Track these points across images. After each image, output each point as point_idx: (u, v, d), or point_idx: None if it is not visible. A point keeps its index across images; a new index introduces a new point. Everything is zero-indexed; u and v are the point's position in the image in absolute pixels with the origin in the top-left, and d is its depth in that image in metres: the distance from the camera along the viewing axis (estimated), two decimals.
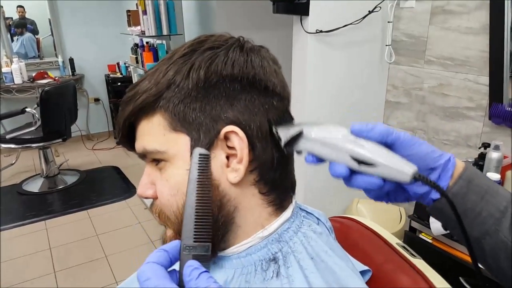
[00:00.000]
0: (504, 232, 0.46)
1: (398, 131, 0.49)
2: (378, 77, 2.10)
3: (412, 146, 0.48)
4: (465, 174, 0.48)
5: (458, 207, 0.45)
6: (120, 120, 0.54)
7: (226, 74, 0.49)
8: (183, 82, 0.49)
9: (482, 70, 1.66)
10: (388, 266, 0.64)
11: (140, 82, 0.52)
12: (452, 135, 1.85)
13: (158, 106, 0.50)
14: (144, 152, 0.54)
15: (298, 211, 0.58)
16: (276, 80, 0.53)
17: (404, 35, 1.98)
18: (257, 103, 0.51)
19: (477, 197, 0.47)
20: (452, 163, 0.49)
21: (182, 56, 0.51)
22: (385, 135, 0.47)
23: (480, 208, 0.47)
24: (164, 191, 0.53)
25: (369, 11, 1.83)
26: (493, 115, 1.62)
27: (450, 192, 0.47)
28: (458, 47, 1.75)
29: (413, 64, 1.97)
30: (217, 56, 0.50)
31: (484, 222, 0.47)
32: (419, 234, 1.56)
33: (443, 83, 1.84)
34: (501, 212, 0.46)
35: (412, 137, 0.49)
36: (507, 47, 1.54)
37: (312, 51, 1.79)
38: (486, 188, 0.48)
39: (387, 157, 0.46)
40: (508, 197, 0.47)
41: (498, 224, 0.46)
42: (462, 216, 0.46)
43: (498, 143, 1.46)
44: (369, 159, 0.46)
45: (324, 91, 1.91)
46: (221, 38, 0.53)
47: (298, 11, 1.74)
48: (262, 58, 0.53)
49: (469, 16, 1.68)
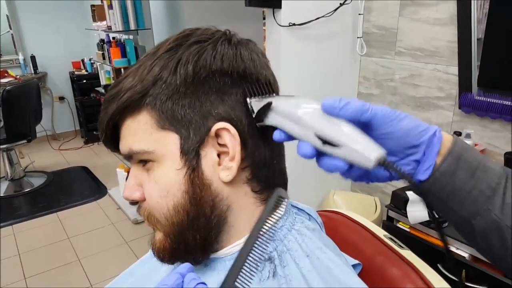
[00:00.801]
0: (495, 211, 0.43)
1: (376, 106, 0.44)
2: (350, 69, 2.12)
3: (390, 122, 0.43)
4: (454, 150, 0.44)
5: (447, 186, 0.44)
6: (103, 120, 0.51)
7: (215, 69, 0.47)
8: (170, 78, 0.47)
9: (451, 60, 1.70)
10: (378, 259, 0.64)
11: (123, 79, 0.49)
12: None
13: (144, 103, 0.48)
14: (130, 153, 0.51)
15: (290, 208, 0.57)
16: (267, 73, 0.52)
17: (375, 27, 2.00)
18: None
19: (467, 174, 0.43)
20: (438, 138, 0.44)
21: (167, 51, 0.48)
22: (359, 112, 0.42)
23: (470, 186, 0.43)
24: (153, 193, 0.51)
25: (340, 3, 1.84)
26: (462, 104, 1.66)
27: (438, 171, 0.44)
28: (427, 38, 1.79)
29: (384, 55, 2.00)
30: (204, 50, 0.48)
31: (475, 201, 0.43)
32: (397, 224, 1.59)
33: (414, 74, 1.88)
34: (493, 190, 0.43)
35: (391, 111, 0.44)
36: (475, 38, 1.58)
37: (285, 44, 1.78)
38: (477, 164, 0.44)
39: (353, 137, 0.41)
40: (499, 172, 0.44)
41: (490, 203, 0.43)
42: (451, 195, 0.44)
43: (469, 131, 1.51)
44: (332, 139, 0.42)
45: (298, 84, 1.91)
46: (207, 32, 0.51)
47: (271, 4, 1.72)
48: (251, 51, 0.51)
49: (437, 7, 1.71)
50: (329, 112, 0.42)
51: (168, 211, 0.50)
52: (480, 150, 1.64)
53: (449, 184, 0.44)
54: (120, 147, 0.53)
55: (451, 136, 0.46)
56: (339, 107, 0.42)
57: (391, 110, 0.43)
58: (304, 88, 1.93)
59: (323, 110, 0.43)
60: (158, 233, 0.54)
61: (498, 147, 1.61)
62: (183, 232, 0.51)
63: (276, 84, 0.54)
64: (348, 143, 0.41)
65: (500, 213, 0.42)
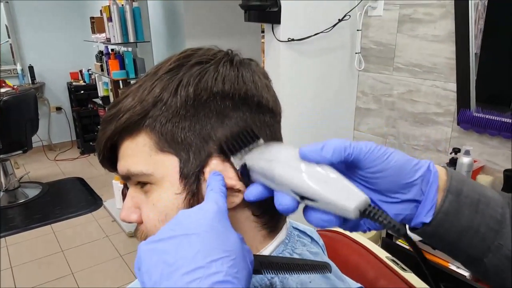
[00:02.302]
0: (508, 246, 0.39)
1: (360, 142, 0.40)
2: (348, 84, 2.13)
3: (378, 159, 0.39)
4: (452, 185, 0.40)
5: (453, 227, 0.40)
6: (101, 140, 0.50)
7: (216, 91, 0.46)
8: (170, 100, 0.46)
9: (449, 76, 1.71)
10: (381, 283, 0.63)
11: (122, 99, 0.48)
12: (422, 140, 1.89)
13: (143, 125, 0.47)
14: (128, 174, 0.50)
15: (292, 230, 0.56)
16: (268, 95, 0.51)
17: (373, 42, 2.01)
18: (249, 121, 0.48)
19: (471, 210, 0.40)
20: (435, 173, 0.40)
21: (168, 72, 0.47)
22: (340, 152, 0.39)
23: (477, 223, 0.40)
24: (151, 216, 0.49)
25: (339, 19, 1.85)
26: (461, 121, 1.66)
27: (441, 212, 0.40)
28: (425, 55, 1.80)
29: (382, 71, 2.00)
30: (206, 71, 0.47)
31: (484, 239, 0.40)
32: (396, 241, 1.57)
33: (412, 90, 1.88)
34: (499, 222, 0.40)
35: (377, 146, 0.40)
36: (472, 54, 1.59)
37: (284, 59, 1.79)
38: (478, 197, 0.40)
39: (329, 187, 0.37)
40: (499, 201, 0.41)
41: (500, 238, 0.39)
42: (459, 236, 0.40)
43: (468, 148, 1.50)
44: (306, 194, 0.38)
45: (296, 99, 1.91)
46: (209, 52, 0.50)
47: (270, 19, 1.73)
48: (253, 73, 0.50)
49: (435, 24, 1.73)
50: (308, 159, 0.39)
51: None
52: (479, 166, 1.63)
53: (454, 225, 0.40)
54: (118, 168, 0.52)
55: (443, 169, 0.42)
56: (317, 150, 0.39)
57: (377, 145, 0.40)
58: (303, 102, 1.93)
59: (301, 157, 0.40)
60: None
61: (498, 164, 1.61)
62: None
63: (278, 106, 0.53)
64: (324, 195, 0.37)
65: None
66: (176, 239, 0.36)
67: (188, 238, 0.36)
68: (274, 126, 0.52)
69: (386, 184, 0.40)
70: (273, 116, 0.52)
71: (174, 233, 0.37)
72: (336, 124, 2.16)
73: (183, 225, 0.38)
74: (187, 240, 0.36)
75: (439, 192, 0.40)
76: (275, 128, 0.52)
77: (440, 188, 0.40)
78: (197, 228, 0.37)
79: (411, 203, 0.41)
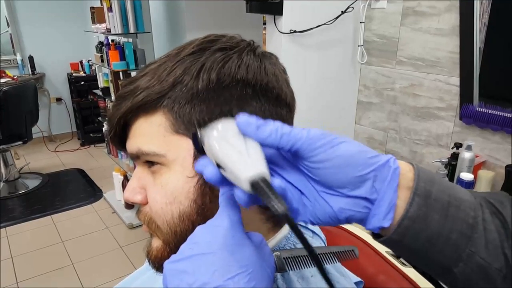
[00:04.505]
0: (481, 254, 0.34)
1: (305, 128, 0.36)
2: (350, 77, 2.11)
3: (320, 148, 0.35)
4: (420, 187, 0.35)
5: (421, 234, 0.34)
6: (115, 116, 0.49)
7: (239, 78, 0.46)
8: (192, 82, 0.45)
9: (452, 71, 1.70)
10: (380, 277, 0.63)
11: (140, 77, 0.48)
12: (424, 134, 1.88)
13: (161, 105, 0.46)
14: (138, 153, 0.49)
15: None
16: (287, 90, 0.51)
17: (376, 35, 1.99)
18: (267, 112, 0.48)
19: (441, 215, 0.34)
20: (395, 171, 0.35)
21: (190, 54, 0.47)
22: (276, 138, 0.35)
23: (447, 230, 0.34)
24: (158, 198, 0.48)
25: (342, 11, 1.84)
26: (463, 116, 1.65)
27: (407, 218, 0.34)
28: (428, 48, 1.78)
29: (384, 64, 1.99)
30: (230, 58, 0.47)
31: (455, 246, 0.35)
32: None
33: (415, 84, 1.87)
34: (471, 227, 0.35)
35: (323, 134, 0.36)
36: (476, 49, 1.58)
37: (286, 51, 1.77)
38: (448, 198, 0.35)
39: (237, 155, 0.34)
40: (471, 202, 0.36)
41: (472, 244, 0.35)
42: (428, 244, 0.35)
43: (470, 143, 1.49)
44: (217, 159, 0.35)
45: (298, 91, 1.89)
46: (232, 40, 0.49)
47: (272, 10, 1.71)
48: (274, 66, 0.50)
49: (439, 17, 1.71)
50: (244, 131, 0.36)
51: (172, 218, 0.48)
52: (481, 162, 1.62)
53: (423, 232, 0.34)
54: (127, 146, 0.51)
55: (410, 167, 0.37)
56: (253, 128, 0.35)
57: (323, 132, 0.36)
58: (304, 95, 1.92)
59: (237, 125, 0.36)
60: (156, 240, 0.51)
61: (499, 159, 1.60)
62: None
63: (294, 102, 0.53)
64: (227, 162, 0.34)
65: (486, 254, 0.35)
66: (194, 258, 0.37)
67: (205, 257, 0.37)
68: (288, 121, 0.51)
69: (330, 175, 0.35)
70: (289, 111, 0.52)
71: (192, 252, 0.37)
72: (337, 118, 2.15)
73: (200, 244, 0.38)
74: (204, 259, 0.36)
75: (402, 191, 0.35)
76: (289, 123, 0.52)
77: (403, 186, 0.35)
78: (212, 247, 0.37)
79: (360, 201, 0.35)
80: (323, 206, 0.36)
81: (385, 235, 0.35)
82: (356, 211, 0.36)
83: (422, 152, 1.91)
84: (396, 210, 0.34)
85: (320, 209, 0.37)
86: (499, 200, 0.37)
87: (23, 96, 3.58)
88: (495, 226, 0.35)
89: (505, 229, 0.35)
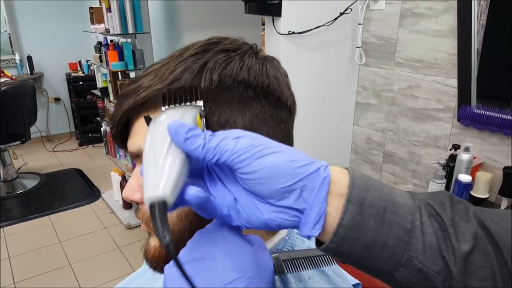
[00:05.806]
0: (419, 258, 0.34)
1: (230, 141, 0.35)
2: (348, 78, 2.11)
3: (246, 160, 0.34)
4: (354, 194, 0.34)
5: (358, 242, 0.34)
6: (117, 113, 0.49)
7: (241, 80, 0.47)
8: (191, 80, 0.46)
9: (450, 72, 1.70)
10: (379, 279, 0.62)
11: (143, 76, 0.48)
12: (422, 136, 1.89)
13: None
14: (139, 152, 0.49)
15: None
16: (288, 93, 0.52)
17: (374, 37, 2.00)
18: (267, 114, 0.48)
19: (377, 221, 0.34)
20: (324, 179, 0.35)
21: (193, 55, 0.47)
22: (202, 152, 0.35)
23: (384, 236, 0.34)
24: None
25: (340, 12, 1.84)
26: (461, 117, 1.66)
27: (342, 226, 0.34)
28: (426, 50, 1.78)
29: (382, 66, 1.99)
30: (232, 59, 0.47)
31: (393, 252, 0.34)
32: None
33: (413, 85, 1.87)
34: (409, 232, 0.34)
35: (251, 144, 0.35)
36: (474, 50, 1.58)
37: (284, 52, 1.78)
38: (384, 204, 0.35)
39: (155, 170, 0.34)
40: (409, 206, 0.36)
41: (410, 249, 0.34)
42: (365, 252, 0.35)
43: (468, 144, 1.50)
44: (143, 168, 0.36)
45: (296, 93, 1.89)
46: (235, 42, 0.50)
47: (271, 11, 1.71)
48: (276, 69, 0.51)
49: (437, 19, 1.71)
50: (172, 139, 0.35)
51: (170, 218, 0.48)
52: (479, 163, 1.63)
53: (359, 240, 0.34)
54: (128, 145, 0.51)
55: (346, 173, 0.36)
56: (183, 138, 0.35)
57: (251, 144, 0.35)
58: (302, 97, 1.91)
59: (168, 132, 0.36)
60: (154, 239, 0.52)
61: (497, 161, 1.60)
62: (183, 241, 0.48)
63: (294, 105, 0.54)
64: (144, 173, 0.34)
65: (424, 258, 0.34)
66: (193, 263, 0.37)
67: (204, 263, 0.37)
68: (288, 124, 0.52)
69: (257, 186, 0.35)
70: (289, 114, 0.52)
71: (191, 257, 0.38)
72: (336, 119, 2.15)
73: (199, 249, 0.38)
74: (203, 264, 0.37)
75: (336, 199, 0.35)
76: (289, 126, 0.53)
77: (335, 194, 0.35)
78: (211, 252, 0.38)
79: (288, 210, 0.35)
80: (255, 212, 0.36)
81: (325, 242, 0.35)
82: (285, 220, 0.36)
83: (420, 153, 1.91)
84: (331, 219, 0.34)
85: (253, 216, 0.37)
86: (440, 201, 0.37)
87: (21, 96, 3.57)
88: (433, 228, 0.35)
89: (443, 231, 0.35)
